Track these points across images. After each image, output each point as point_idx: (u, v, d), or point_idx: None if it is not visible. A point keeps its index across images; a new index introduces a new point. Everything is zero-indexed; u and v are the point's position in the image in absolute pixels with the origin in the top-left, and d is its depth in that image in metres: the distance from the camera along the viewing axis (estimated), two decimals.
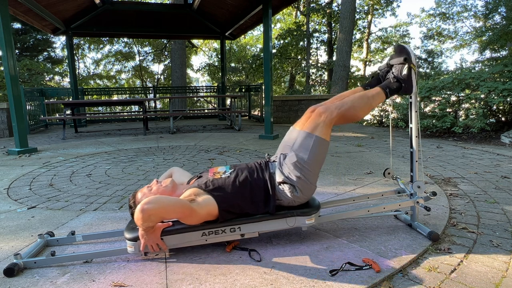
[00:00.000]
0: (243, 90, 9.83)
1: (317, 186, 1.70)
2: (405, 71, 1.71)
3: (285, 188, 1.62)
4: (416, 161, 1.83)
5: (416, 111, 1.81)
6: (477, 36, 13.47)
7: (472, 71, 6.36)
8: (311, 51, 16.84)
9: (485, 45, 11.12)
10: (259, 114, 9.18)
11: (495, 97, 5.13)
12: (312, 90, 15.78)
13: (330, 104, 1.69)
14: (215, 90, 10.90)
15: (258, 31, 21.31)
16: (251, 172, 1.68)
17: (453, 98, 5.66)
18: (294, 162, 1.60)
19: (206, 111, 10.77)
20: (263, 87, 6.59)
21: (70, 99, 8.17)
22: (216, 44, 19.86)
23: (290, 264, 1.52)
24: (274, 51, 15.14)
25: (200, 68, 20.24)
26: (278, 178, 1.64)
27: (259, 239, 1.75)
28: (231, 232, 1.60)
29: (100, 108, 11.02)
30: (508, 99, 5.11)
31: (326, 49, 17.36)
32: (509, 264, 1.52)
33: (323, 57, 19.87)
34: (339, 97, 1.81)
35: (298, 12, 18.63)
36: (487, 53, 12.25)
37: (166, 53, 18.25)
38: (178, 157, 4.06)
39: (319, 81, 17.01)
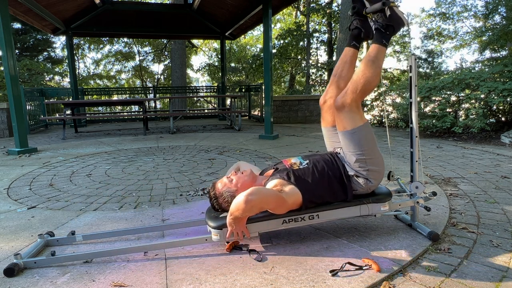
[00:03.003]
0: (243, 90, 9.83)
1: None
2: (389, 13, 1.61)
3: (359, 180, 1.66)
4: (416, 161, 1.83)
5: (416, 111, 1.81)
6: (477, 36, 13.47)
7: (472, 71, 6.36)
8: (311, 51, 16.83)
9: (485, 45, 11.11)
10: (259, 114, 9.18)
11: (495, 97, 5.13)
12: (312, 90, 15.76)
13: (343, 92, 1.63)
14: (215, 90, 10.90)
15: (258, 31, 21.30)
16: (327, 163, 1.71)
17: (453, 98, 5.66)
18: (355, 160, 1.64)
19: (206, 111, 10.78)
20: (263, 87, 6.59)
21: (70, 99, 8.17)
22: (216, 44, 19.85)
23: (290, 264, 1.52)
24: (274, 51, 15.13)
25: (200, 68, 20.23)
26: (350, 171, 1.68)
27: (259, 239, 1.76)
28: (310, 219, 1.65)
29: (100, 108, 11.01)
30: (508, 99, 5.11)
31: (326, 49, 17.34)
32: (509, 264, 1.52)
33: (323, 57, 19.83)
34: (344, 77, 1.76)
35: (298, 12, 18.62)
36: (487, 53, 12.24)
37: (166, 53, 18.24)
38: (178, 157, 4.06)
39: (319, 81, 16.99)
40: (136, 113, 10.05)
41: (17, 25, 13.47)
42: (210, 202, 1.73)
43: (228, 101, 9.35)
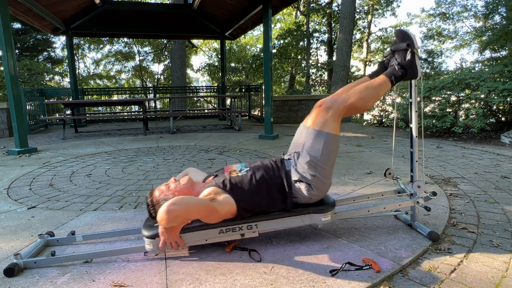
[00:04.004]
0: (243, 90, 9.83)
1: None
2: (409, 56, 1.68)
3: (301, 186, 1.62)
4: (416, 161, 1.83)
5: (416, 111, 1.81)
6: (477, 36, 13.48)
7: (472, 71, 6.36)
8: (311, 51, 16.84)
9: (485, 45, 11.12)
10: (259, 114, 9.18)
11: (495, 97, 5.13)
12: (312, 90, 15.77)
13: (336, 97, 1.68)
14: (215, 90, 10.89)
15: (258, 31, 21.31)
16: (267, 170, 1.68)
17: (453, 98, 5.66)
18: (308, 161, 1.60)
19: (206, 111, 10.78)
20: (263, 87, 6.59)
21: (70, 99, 8.17)
22: (216, 44, 19.86)
23: (290, 264, 1.52)
24: (274, 51, 15.13)
25: (200, 68, 20.23)
26: (294, 176, 1.64)
27: (259, 239, 1.75)
28: (248, 229, 1.61)
29: (100, 108, 11.01)
30: (508, 99, 5.11)
31: (326, 49, 17.35)
32: (509, 264, 1.52)
33: (323, 57, 19.84)
34: (346, 89, 1.80)
35: (298, 12, 18.62)
36: (487, 53, 12.25)
37: (166, 53, 18.25)
38: (178, 157, 4.06)
39: (319, 81, 17.00)
40: (136, 113, 10.05)
41: (17, 25, 13.47)
42: (147, 209, 1.69)
43: (228, 101, 9.35)
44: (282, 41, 15.71)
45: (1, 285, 1.39)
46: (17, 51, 13.62)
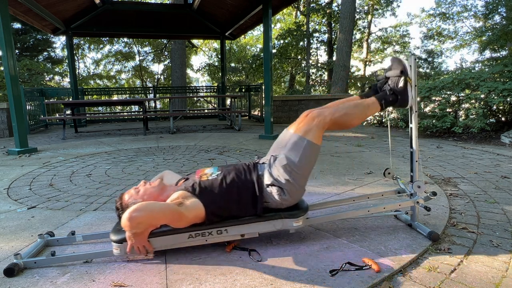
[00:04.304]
0: (243, 90, 9.83)
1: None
2: (401, 84, 1.72)
3: (273, 190, 1.61)
4: (416, 161, 1.83)
5: (416, 111, 1.81)
6: (477, 36, 13.48)
7: (472, 71, 6.36)
8: (311, 51, 16.84)
9: (485, 45, 11.12)
10: (259, 114, 9.18)
11: (495, 97, 5.13)
12: (312, 90, 15.78)
13: (324, 109, 1.70)
14: (215, 90, 10.90)
15: (258, 31, 21.31)
16: (238, 174, 1.67)
17: (453, 98, 5.66)
18: (284, 164, 1.59)
19: (206, 111, 10.78)
20: (263, 87, 6.59)
21: (70, 99, 8.17)
22: (216, 44, 19.86)
23: (290, 264, 1.52)
24: (274, 51, 15.13)
25: (200, 68, 20.24)
26: (267, 180, 1.63)
27: (259, 239, 1.75)
28: (218, 234, 1.59)
29: (100, 108, 11.02)
30: (508, 99, 5.11)
31: (326, 49, 17.35)
32: (509, 264, 1.52)
33: (323, 57, 19.84)
34: (335, 103, 1.81)
35: (298, 12, 18.62)
36: (487, 53, 12.25)
37: (166, 53, 18.25)
38: (178, 157, 4.06)
39: (319, 81, 17.00)
40: (136, 113, 10.05)
41: (17, 25, 13.48)
42: (116, 213, 1.67)
43: (228, 101, 9.35)
44: (282, 41, 15.71)
45: (1, 285, 1.39)
46: (17, 51, 13.62)
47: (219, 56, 12.64)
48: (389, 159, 3.71)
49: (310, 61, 16.47)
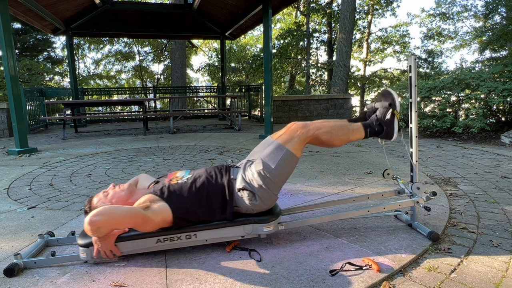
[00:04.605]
0: (243, 90, 9.83)
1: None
2: (388, 116, 1.73)
3: (244, 195, 1.59)
4: (416, 161, 1.83)
5: (416, 111, 1.81)
6: (477, 36, 13.49)
7: (472, 71, 6.36)
8: (311, 51, 16.85)
9: (485, 45, 11.12)
10: (259, 114, 9.19)
11: (495, 97, 5.13)
12: (312, 90, 15.79)
13: (311, 123, 1.69)
14: (215, 90, 10.90)
15: (258, 31, 21.31)
16: (209, 178, 1.65)
17: (453, 98, 5.66)
18: (259, 170, 1.58)
19: (206, 111, 10.78)
20: (263, 87, 6.59)
21: (70, 99, 8.17)
22: (216, 44, 19.87)
23: (290, 264, 1.52)
24: (274, 51, 15.14)
25: (200, 68, 20.25)
26: (239, 184, 1.61)
27: (259, 239, 1.75)
28: (187, 239, 1.57)
29: (100, 108, 11.02)
30: (508, 99, 5.11)
31: (326, 49, 17.36)
32: (509, 264, 1.52)
33: (323, 57, 19.87)
34: (322, 121, 1.80)
35: (298, 12, 18.63)
36: (487, 53, 12.26)
37: (166, 53, 18.26)
38: (178, 157, 4.06)
39: (319, 81, 17.01)
40: (136, 113, 10.05)
41: (17, 25, 13.48)
42: (84, 216, 1.63)
43: (228, 101, 9.35)
44: (282, 41, 15.72)
45: (1, 285, 1.39)
46: (17, 51, 13.62)
47: (219, 56, 12.64)
48: (389, 159, 3.71)
49: (310, 61, 16.48)
